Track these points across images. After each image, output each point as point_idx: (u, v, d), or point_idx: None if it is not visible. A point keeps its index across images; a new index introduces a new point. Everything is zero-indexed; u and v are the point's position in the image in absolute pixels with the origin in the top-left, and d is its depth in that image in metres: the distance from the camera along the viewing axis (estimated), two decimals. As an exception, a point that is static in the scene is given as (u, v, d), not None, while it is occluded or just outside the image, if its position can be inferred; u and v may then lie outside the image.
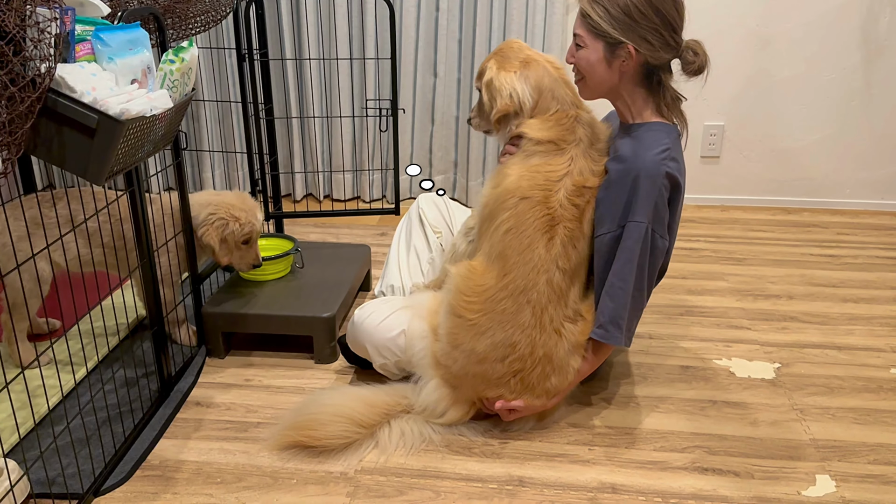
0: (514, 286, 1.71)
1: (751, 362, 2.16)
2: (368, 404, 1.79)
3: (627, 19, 1.66)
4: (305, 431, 1.74)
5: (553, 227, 1.71)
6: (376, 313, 1.91)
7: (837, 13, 3.19)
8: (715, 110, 3.38)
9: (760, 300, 2.55)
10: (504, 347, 1.72)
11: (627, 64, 1.71)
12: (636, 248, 1.68)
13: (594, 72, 1.75)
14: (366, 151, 3.45)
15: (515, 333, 1.71)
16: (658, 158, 1.67)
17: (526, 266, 1.70)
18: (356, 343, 1.95)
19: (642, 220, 1.67)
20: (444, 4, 3.18)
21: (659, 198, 1.67)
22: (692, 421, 1.89)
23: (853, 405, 1.96)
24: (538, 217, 1.70)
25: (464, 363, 1.75)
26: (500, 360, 1.72)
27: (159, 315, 1.88)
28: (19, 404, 1.79)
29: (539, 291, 1.71)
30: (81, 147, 1.37)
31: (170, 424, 1.86)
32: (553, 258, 1.71)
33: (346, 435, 1.75)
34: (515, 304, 1.71)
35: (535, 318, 1.71)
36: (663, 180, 1.67)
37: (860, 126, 3.37)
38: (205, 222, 2.05)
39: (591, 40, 1.72)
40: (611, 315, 1.72)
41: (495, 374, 1.73)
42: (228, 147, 3.49)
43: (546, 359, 1.73)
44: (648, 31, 1.67)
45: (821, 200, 3.50)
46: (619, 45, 1.68)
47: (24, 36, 1.28)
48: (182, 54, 1.60)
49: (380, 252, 2.81)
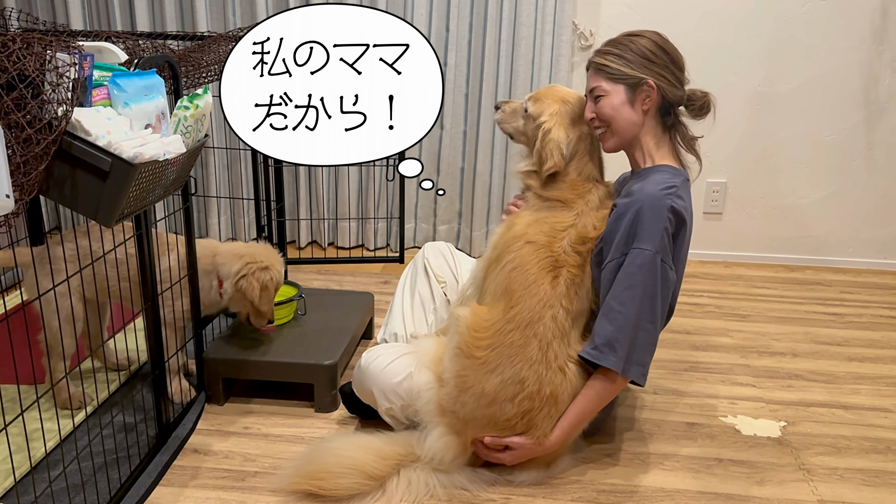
0: (520, 318, 1.71)
1: (756, 420, 2.13)
2: (381, 456, 1.77)
3: (644, 60, 1.76)
4: (315, 482, 1.72)
5: (557, 269, 1.74)
6: (383, 357, 1.90)
7: (838, 74, 3.25)
8: (717, 167, 3.42)
9: (765, 357, 2.54)
10: (514, 385, 1.70)
11: (650, 100, 1.77)
12: (639, 274, 1.68)
13: (619, 115, 1.78)
14: (371, 200, 3.47)
15: (524, 369, 1.70)
16: (662, 193, 1.71)
17: (532, 299, 1.72)
18: (362, 387, 1.93)
19: (648, 247, 1.68)
20: (452, 59, 3.25)
21: (665, 229, 1.69)
22: (698, 479, 1.85)
23: (861, 466, 1.93)
24: (542, 258, 1.75)
25: (473, 407, 1.73)
26: (509, 399, 1.70)
27: (160, 360, 1.87)
28: (16, 447, 1.76)
29: (545, 325, 1.71)
30: (94, 189, 1.38)
31: (166, 472, 1.83)
32: (557, 296, 1.73)
33: (355, 487, 1.73)
34: (522, 336, 1.71)
35: (541, 352, 1.71)
36: (667, 213, 1.69)
37: (862, 186, 3.40)
38: (241, 272, 2.00)
39: (612, 86, 1.77)
40: (607, 337, 1.70)
41: (504, 416, 1.71)
42: (235, 193, 3.52)
43: (552, 399, 1.71)
44: (663, 69, 1.77)
45: (824, 258, 3.51)
46: (641, 83, 1.75)
47: (43, 80, 1.31)
48: (197, 101, 1.63)
49: (383, 300, 2.81)
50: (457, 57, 3.25)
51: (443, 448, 1.77)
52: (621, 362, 1.69)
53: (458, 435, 1.77)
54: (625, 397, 2.23)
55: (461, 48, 3.26)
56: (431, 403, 1.80)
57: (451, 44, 3.23)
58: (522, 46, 3.21)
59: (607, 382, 1.75)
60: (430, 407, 1.80)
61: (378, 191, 3.48)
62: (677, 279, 1.79)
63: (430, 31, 3.23)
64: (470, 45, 3.27)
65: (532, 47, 3.22)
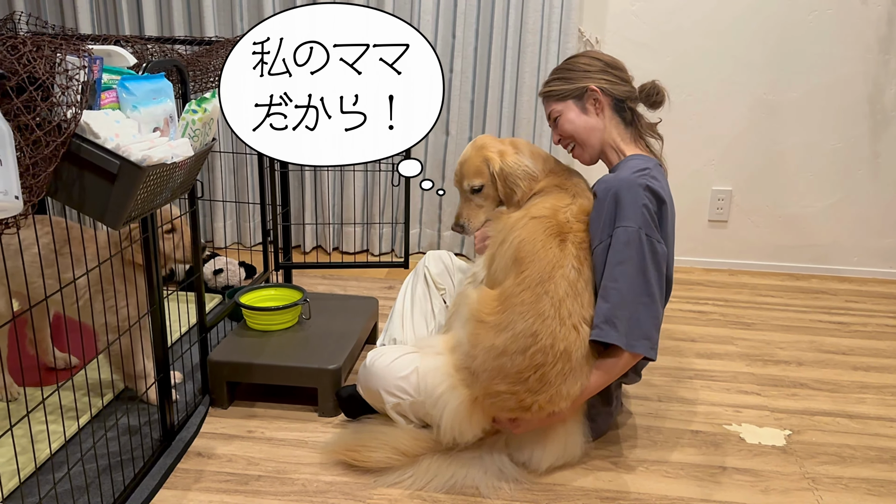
0: (530, 279, 1.73)
1: (761, 428, 2.13)
2: (414, 436, 1.86)
3: (581, 73, 1.91)
4: (350, 453, 1.86)
5: (564, 235, 1.78)
6: (388, 354, 1.92)
7: (844, 83, 3.25)
8: (722, 175, 3.42)
9: (770, 366, 2.53)
10: (525, 338, 1.70)
11: (599, 103, 1.90)
12: (627, 250, 1.71)
13: (578, 125, 1.93)
14: (376, 205, 3.48)
15: (535, 323, 1.70)
16: (635, 176, 1.77)
17: (541, 262, 1.74)
18: (367, 386, 1.93)
19: (630, 224, 1.71)
20: (458, 66, 3.26)
21: (644, 206, 1.72)
22: (702, 487, 1.85)
23: (866, 475, 1.92)
24: (548, 226, 1.79)
25: (482, 359, 1.73)
26: (521, 351, 1.70)
27: (165, 363, 1.87)
28: (20, 448, 1.76)
29: (556, 283, 1.72)
30: (101, 191, 1.39)
31: (170, 474, 1.83)
32: (567, 256, 1.75)
33: (386, 461, 1.83)
34: (533, 294, 1.71)
35: (553, 308, 1.70)
36: (643, 192, 1.73)
37: (867, 194, 3.39)
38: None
39: (562, 105, 1.94)
40: (605, 315, 1.71)
41: (514, 368, 1.70)
42: (241, 197, 3.53)
43: (566, 355, 1.70)
44: (600, 73, 1.91)
45: (828, 267, 3.51)
46: (583, 91, 1.90)
47: (52, 82, 1.31)
48: (205, 105, 1.63)
49: (387, 305, 2.81)
50: (463, 63, 3.26)
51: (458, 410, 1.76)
52: (624, 337, 1.71)
53: (470, 389, 1.76)
54: (629, 404, 2.22)
55: (467, 55, 3.27)
56: (445, 366, 1.80)
57: (458, 50, 3.24)
58: (528, 54, 3.22)
59: (614, 359, 1.76)
60: (444, 369, 1.80)
61: (383, 196, 3.49)
62: (668, 253, 1.80)
63: (437, 38, 3.24)
64: (476, 52, 3.28)
65: (538, 55, 3.23)
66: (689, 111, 3.32)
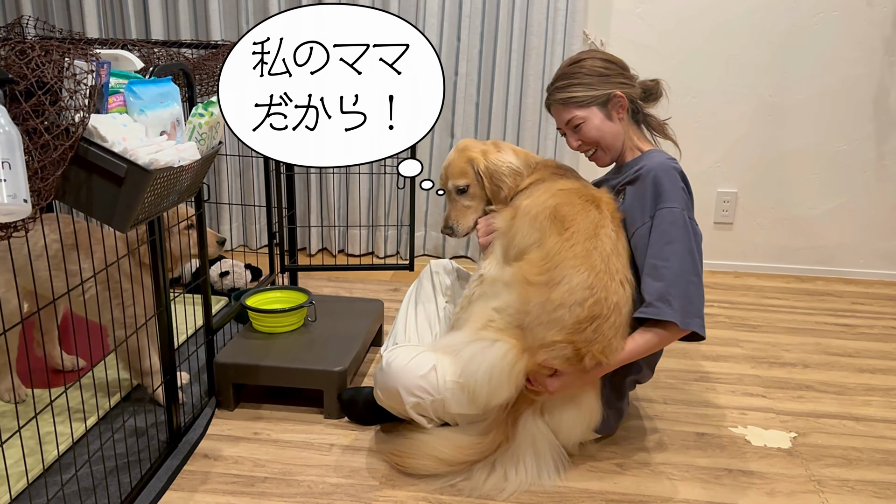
0: (578, 234, 1.73)
1: (767, 431, 2.13)
2: (456, 445, 1.85)
3: (600, 77, 1.88)
4: (393, 456, 1.89)
5: (597, 201, 1.80)
6: (404, 354, 1.91)
7: (850, 85, 3.25)
8: (728, 177, 3.42)
9: (775, 368, 2.53)
10: (582, 290, 1.69)
11: (622, 107, 1.89)
12: (673, 230, 1.73)
13: (605, 132, 1.91)
14: (381, 208, 3.49)
15: (590, 276, 1.69)
16: (669, 161, 1.82)
17: (584, 220, 1.75)
18: (386, 388, 1.90)
19: (675, 205, 1.74)
20: (463, 69, 3.27)
21: (682, 189, 1.77)
22: (708, 489, 1.85)
23: (873, 478, 1.92)
24: (582, 194, 1.81)
25: (537, 313, 1.71)
26: (579, 303, 1.68)
27: (172, 365, 1.88)
28: (28, 450, 1.77)
29: (601, 241, 1.74)
30: (109, 195, 1.40)
31: (177, 476, 1.84)
32: (605, 218, 1.77)
33: (427, 468, 1.84)
34: (584, 248, 1.72)
35: (603, 263, 1.71)
36: (679, 176, 1.78)
37: (873, 197, 3.39)
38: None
39: (586, 111, 1.90)
40: (659, 292, 1.73)
41: (573, 319, 1.68)
42: (247, 200, 3.54)
43: (618, 309, 1.71)
44: (618, 76, 1.90)
45: (834, 269, 3.50)
46: (609, 96, 1.88)
47: (61, 87, 1.32)
48: (211, 108, 1.65)
49: (392, 307, 2.81)
50: (467, 66, 3.27)
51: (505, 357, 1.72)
52: (678, 314, 1.72)
53: (521, 341, 1.73)
54: (634, 407, 2.22)
55: (472, 58, 3.27)
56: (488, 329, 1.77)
57: (462, 53, 3.25)
58: (533, 56, 3.22)
59: (664, 333, 1.77)
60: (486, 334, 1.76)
61: (388, 199, 3.49)
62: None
63: (442, 41, 3.25)
64: (481, 54, 3.29)
65: (542, 57, 3.24)
66: (694, 113, 3.32)
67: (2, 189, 1.13)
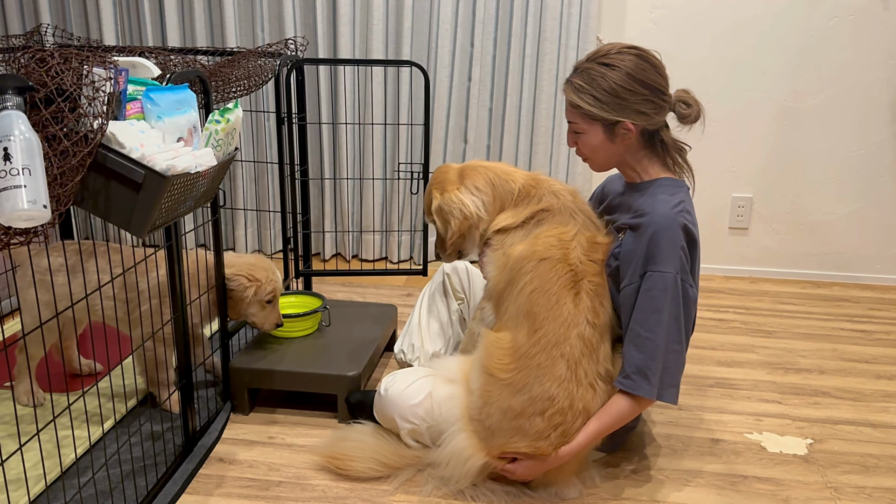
0: (545, 341, 1.70)
1: (782, 437, 2.11)
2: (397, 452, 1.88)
3: (617, 99, 1.69)
4: (333, 460, 1.88)
5: (578, 283, 1.73)
6: (401, 381, 1.91)
7: (865, 90, 3.23)
8: (743, 182, 3.40)
9: (791, 374, 2.51)
10: (542, 401, 1.69)
11: (628, 137, 1.74)
12: (663, 297, 1.66)
13: (598, 154, 1.80)
14: (395, 213, 3.50)
15: (553, 387, 1.69)
16: (674, 212, 1.69)
17: (556, 321, 1.70)
18: (383, 414, 1.94)
19: (668, 269, 1.66)
20: (476, 75, 3.28)
21: (682, 248, 1.67)
22: (722, 496, 1.84)
23: (890, 485, 1.90)
24: (561, 274, 1.73)
25: (499, 418, 1.72)
26: (538, 413, 1.69)
27: (188, 370, 1.90)
28: (46, 453, 1.79)
29: (571, 345, 1.70)
30: (127, 200, 1.41)
31: (192, 480, 1.85)
32: (582, 312, 1.71)
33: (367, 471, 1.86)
34: (549, 357, 1.69)
35: (570, 371, 1.69)
36: (681, 232, 1.68)
37: (889, 201, 3.36)
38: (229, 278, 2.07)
39: (588, 125, 1.76)
40: (638, 365, 1.69)
41: (534, 429, 1.70)
42: (262, 206, 3.56)
43: (585, 413, 1.71)
44: (640, 104, 1.70)
45: (851, 275, 3.47)
46: (616, 123, 1.72)
47: (79, 94, 1.34)
48: (228, 115, 1.66)
49: (406, 312, 2.82)
50: (481, 72, 3.28)
51: (462, 452, 1.75)
52: (655, 389, 1.69)
53: (483, 441, 1.76)
54: (649, 412, 2.21)
55: (485, 63, 3.28)
56: (457, 410, 1.80)
57: (476, 59, 3.26)
58: (546, 62, 3.22)
59: (633, 404, 1.73)
60: (457, 412, 1.79)
61: (402, 204, 3.50)
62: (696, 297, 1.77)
63: (455, 46, 3.26)
64: (494, 60, 3.29)
65: (556, 63, 3.24)
66: (709, 118, 3.26)
67: (22, 195, 1.15)
